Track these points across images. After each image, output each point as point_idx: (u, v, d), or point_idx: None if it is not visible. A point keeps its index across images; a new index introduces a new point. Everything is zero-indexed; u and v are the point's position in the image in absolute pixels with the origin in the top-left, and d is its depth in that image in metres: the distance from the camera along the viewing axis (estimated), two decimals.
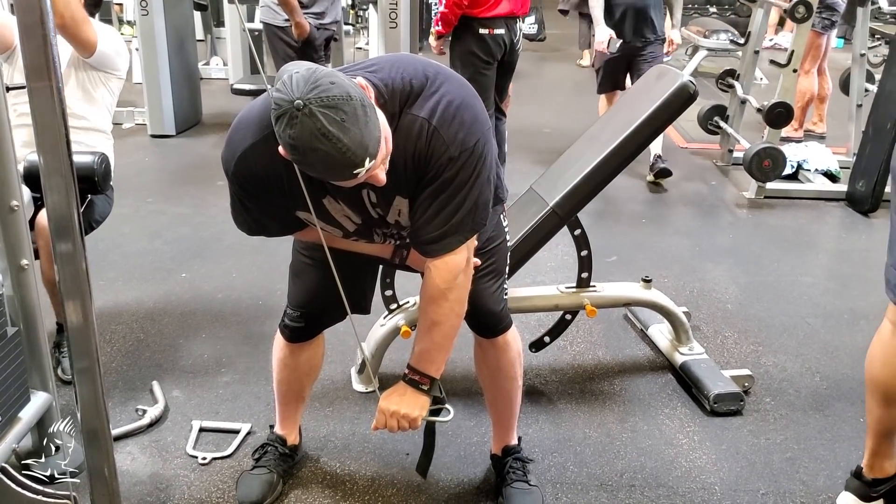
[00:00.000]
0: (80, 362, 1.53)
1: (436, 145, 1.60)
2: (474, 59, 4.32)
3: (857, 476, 2.10)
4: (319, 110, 1.37)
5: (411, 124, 1.60)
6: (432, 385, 1.81)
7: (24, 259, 1.98)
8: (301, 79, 1.39)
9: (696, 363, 2.73)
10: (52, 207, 1.43)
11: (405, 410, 1.79)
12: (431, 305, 1.76)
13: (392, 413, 1.80)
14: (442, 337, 1.79)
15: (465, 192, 1.65)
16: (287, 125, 1.39)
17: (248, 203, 1.75)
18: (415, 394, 1.80)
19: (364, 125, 1.41)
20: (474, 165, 1.63)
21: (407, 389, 1.81)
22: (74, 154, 1.41)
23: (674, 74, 2.57)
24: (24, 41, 1.31)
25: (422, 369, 1.80)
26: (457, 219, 1.66)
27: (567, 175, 2.58)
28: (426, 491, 2.22)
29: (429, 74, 1.63)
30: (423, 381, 1.80)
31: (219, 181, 3.91)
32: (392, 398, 1.81)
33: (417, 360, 1.81)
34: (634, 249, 3.95)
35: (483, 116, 1.67)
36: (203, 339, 3.00)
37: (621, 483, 2.27)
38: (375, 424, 1.84)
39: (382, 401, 1.82)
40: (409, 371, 1.81)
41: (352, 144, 1.40)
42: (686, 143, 5.95)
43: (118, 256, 3.69)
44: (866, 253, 3.90)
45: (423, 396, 1.80)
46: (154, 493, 2.18)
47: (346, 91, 1.40)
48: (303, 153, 1.42)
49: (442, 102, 1.60)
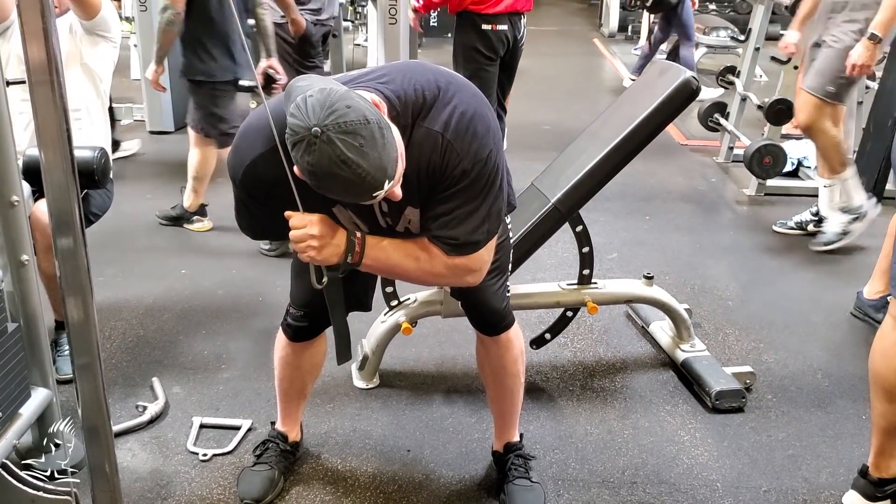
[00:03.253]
0: (80, 358, 1.52)
1: (450, 158, 1.58)
2: (477, 54, 4.30)
3: (863, 475, 2.10)
4: (338, 137, 1.35)
5: (425, 137, 1.58)
6: (353, 264, 1.69)
7: (24, 255, 1.97)
8: (317, 103, 1.37)
9: (698, 360, 2.73)
10: (53, 202, 1.42)
11: (319, 245, 1.64)
12: (428, 252, 1.69)
13: (313, 235, 1.63)
14: (402, 268, 1.72)
15: (477, 203, 1.63)
16: (305, 152, 1.38)
17: (255, 209, 1.74)
18: (340, 251, 1.66)
19: (382, 148, 1.39)
20: (487, 176, 1.62)
21: (342, 241, 1.66)
22: (74, 149, 1.41)
23: (676, 70, 2.56)
24: (25, 36, 1.30)
25: (366, 252, 1.68)
26: (470, 228, 1.65)
27: (569, 171, 2.58)
28: (427, 487, 2.21)
29: (441, 84, 1.61)
30: (355, 257, 1.67)
31: (218, 177, 3.91)
32: (325, 228, 1.65)
33: (372, 245, 1.69)
34: (635, 246, 3.95)
35: (495, 125, 1.66)
36: (203, 335, 2.99)
37: (623, 480, 2.26)
38: (295, 219, 1.64)
39: (319, 218, 1.65)
40: (358, 238, 1.68)
41: (371, 169, 1.38)
42: (686, 140, 5.95)
43: (117, 253, 3.69)
44: (867, 250, 3.89)
45: (338, 257, 1.67)
46: (155, 489, 2.18)
47: (364, 114, 1.38)
48: (322, 179, 1.41)
49: (455, 114, 1.58)
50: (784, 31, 4.45)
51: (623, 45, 10.80)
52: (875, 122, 4.46)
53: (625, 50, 10.23)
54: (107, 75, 2.76)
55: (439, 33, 9.93)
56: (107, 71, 2.75)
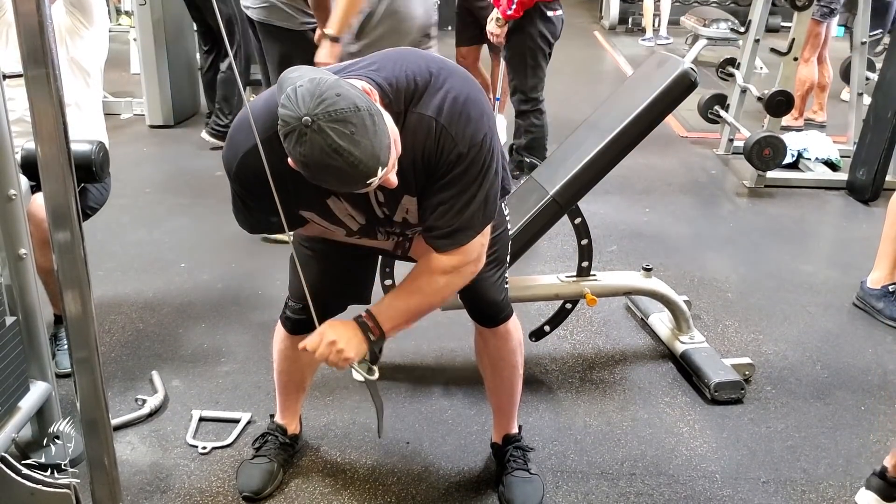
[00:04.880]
0: (79, 352, 1.53)
1: (445, 143, 1.58)
2: (544, 44, 4.24)
3: (881, 476, 2.07)
4: (328, 125, 1.35)
5: (419, 123, 1.57)
6: (379, 339, 1.73)
7: (22, 248, 1.97)
8: (306, 93, 1.36)
9: (697, 352, 2.73)
10: (50, 196, 1.42)
11: (343, 346, 1.69)
12: (426, 275, 1.72)
13: (331, 342, 1.69)
14: (416, 305, 1.75)
15: (475, 188, 1.63)
16: (297, 143, 1.37)
17: (251, 202, 1.73)
18: (360, 338, 1.71)
19: (374, 135, 1.39)
20: (483, 160, 1.62)
21: (356, 330, 1.71)
22: (72, 142, 1.41)
23: (674, 62, 2.56)
24: (19, 28, 1.30)
25: (380, 321, 1.72)
26: (468, 214, 1.65)
27: (567, 163, 2.57)
28: (426, 479, 2.22)
29: (432, 70, 1.61)
30: (374, 331, 1.71)
31: (217, 171, 3.91)
32: (337, 328, 1.72)
33: (380, 311, 1.73)
34: (635, 238, 3.95)
35: (488, 110, 1.65)
36: (202, 328, 2.99)
37: (622, 471, 2.26)
38: (309, 342, 1.72)
39: (328, 326, 1.72)
40: (366, 315, 1.73)
41: (363, 157, 1.38)
42: (686, 132, 5.93)
43: (117, 247, 3.69)
44: (867, 241, 3.88)
45: (364, 343, 1.72)
46: (154, 482, 2.18)
47: (354, 102, 1.37)
48: (315, 169, 1.40)
49: (448, 99, 1.58)
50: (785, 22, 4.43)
51: (623, 37, 10.77)
52: (875, 113, 4.45)
53: (625, 42, 10.20)
54: (95, 69, 2.70)
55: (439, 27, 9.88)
56: (95, 64, 2.69)
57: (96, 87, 2.73)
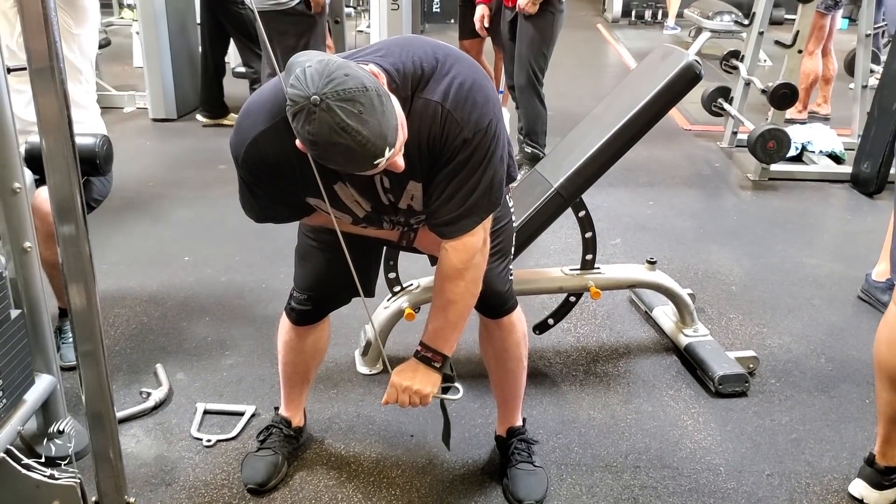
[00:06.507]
0: (83, 345, 1.53)
1: (450, 128, 1.59)
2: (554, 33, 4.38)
3: (869, 464, 2.09)
4: (336, 104, 1.36)
5: (424, 108, 1.58)
6: (444, 363, 1.82)
7: (27, 242, 1.97)
8: (315, 73, 1.38)
9: (701, 345, 2.73)
10: (54, 189, 1.42)
11: (417, 386, 1.79)
12: (448, 284, 1.76)
13: (405, 388, 1.80)
14: (456, 315, 1.79)
15: (480, 174, 1.64)
16: (305, 121, 1.38)
17: (258, 190, 1.73)
18: (427, 370, 1.81)
19: (381, 115, 1.40)
20: (488, 146, 1.62)
21: (419, 366, 1.81)
22: (76, 136, 1.40)
23: (679, 54, 2.55)
24: (24, 22, 1.30)
25: (435, 347, 1.80)
26: (472, 200, 1.66)
27: (571, 156, 2.57)
28: (431, 472, 2.22)
29: (439, 56, 1.62)
30: (436, 359, 1.80)
31: (220, 164, 3.91)
32: (405, 374, 1.81)
33: (431, 337, 1.81)
34: (639, 231, 3.94)
35: (494, 96, 1.66)
36: (207, 321, 3.00)
37: (626, 464, 2.27)
38: (386, 398, 1.83)
39: (395, 375, 1.82)
40: (422, 348, 1.81)
41: (371, 136, 1.39)
42: (690, 125, 5.92)
43: (121, 240, 3.69)
44: (871, 234, 3.88)
45: (434, 373, 1.81)
46: (159, 475, 2.19)
47: (362, 82, 1.39)
48: (323, 148, 1.41)
49: (454, 84, 1.59)
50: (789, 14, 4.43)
51: (627, 29, 10.75)
52: (880, 106, 4.44)
53: (628, 35, 10.19)
54: (87, 66, 2.65)
55: (442, 19, 9.89)
56: (87, 61, 2.64)
57: (89, 83, 2.72)
